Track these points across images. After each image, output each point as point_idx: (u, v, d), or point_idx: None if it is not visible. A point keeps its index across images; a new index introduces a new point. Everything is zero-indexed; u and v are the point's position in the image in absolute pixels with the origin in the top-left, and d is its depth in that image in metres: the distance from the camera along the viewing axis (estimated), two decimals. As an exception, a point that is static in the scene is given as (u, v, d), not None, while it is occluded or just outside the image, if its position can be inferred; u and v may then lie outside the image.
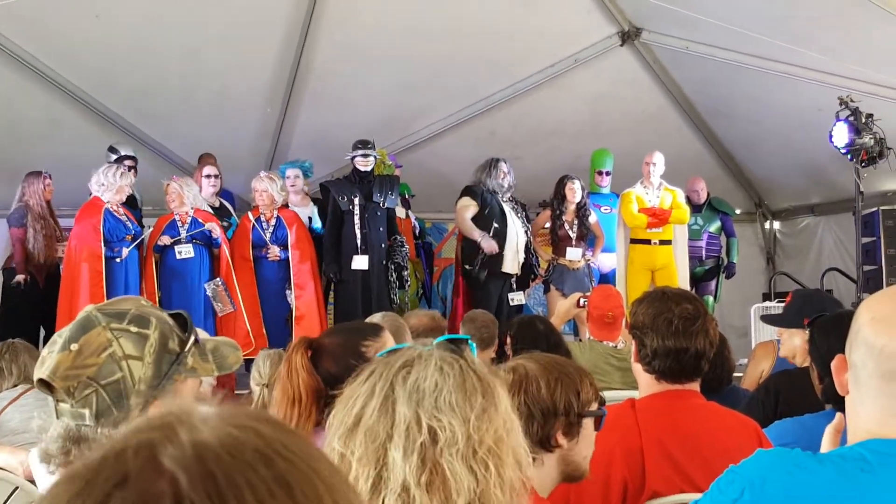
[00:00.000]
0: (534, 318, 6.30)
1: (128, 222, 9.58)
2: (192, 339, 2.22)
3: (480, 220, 10.30)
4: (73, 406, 2.08)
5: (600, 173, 11.43)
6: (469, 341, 1.89)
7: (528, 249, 10.49)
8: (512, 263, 10.30)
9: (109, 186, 9.45)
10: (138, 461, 0.82)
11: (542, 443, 2.64)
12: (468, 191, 10.53)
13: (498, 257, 10.21)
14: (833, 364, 2.04)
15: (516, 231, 10.34)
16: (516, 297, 10.41)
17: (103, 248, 9.32)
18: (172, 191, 9.76)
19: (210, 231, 9.69)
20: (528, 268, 10.54)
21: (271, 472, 0.83)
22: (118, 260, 9.39)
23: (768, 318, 5.42)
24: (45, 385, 2.11)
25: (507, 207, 10.40)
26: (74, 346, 2.09)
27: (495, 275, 10.24)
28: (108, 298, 8.54)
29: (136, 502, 0.79)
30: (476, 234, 10.23)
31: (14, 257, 10.09)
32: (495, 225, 10.26)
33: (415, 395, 1.70)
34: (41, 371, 2.10)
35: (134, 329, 2.13)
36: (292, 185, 10.60)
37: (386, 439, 1.68)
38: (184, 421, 0.87)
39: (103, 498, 0.79)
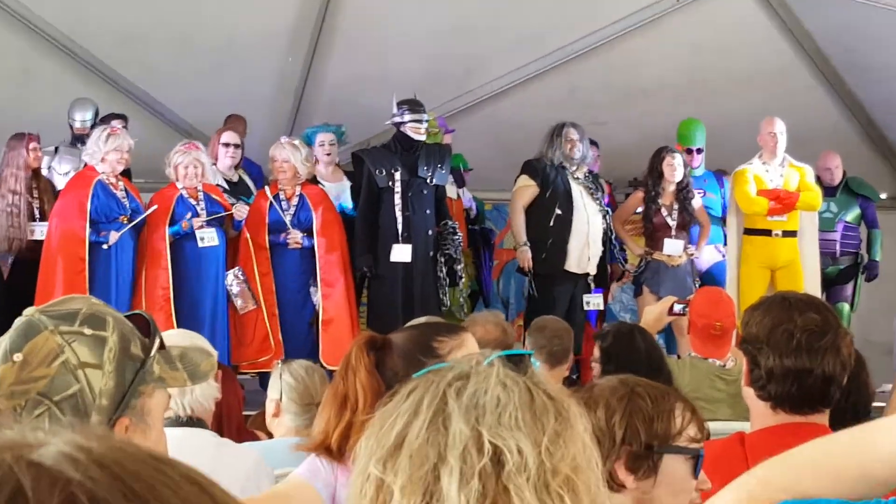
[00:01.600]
0: (634, 330, 6.17)
1: (125, 199, 9.58)
2: (158, 341, 2.23)
3: (540, 205, 10.32)
4: None
5: (690, 151, 11.29)
6: (532, 357, 1.91)
7: (607, 240, 10.48)
8: (579, 261, 10.29)
9: (95, 154, 9.47)
10: (25, 473, 0.88)
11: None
12: (527, 167, 10.54)
13: (559, 254, 10.22)
14: None
15: (587, 217, 10.33)
16: (593, 301, 10.41)
17: (88, 230, 9.37)
18: (192, 160, 9.70)
19: (238, 217, 9.75)
20: (605, 264, 10.51)
21: (176, 470, 0.91)
22: (105, 246, 9.43)
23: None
24: None
25: (576, 187, 10.40)
26: (18, 357, 2.07)
27: (559, 276, 10.25)
28: (90, 292, 8.66)
29: None
30: (520, 238, 10.31)
31: None
32: (558, 211, 10.25)
33: (473, 411, 1.71)
34: None
35: (88, 331, 2.12)
36: (327, 154, 10.67)
37: (438, 462, 1.69)
38: (30, 444, 0.93)
39: None
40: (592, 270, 10.41)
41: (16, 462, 0.89)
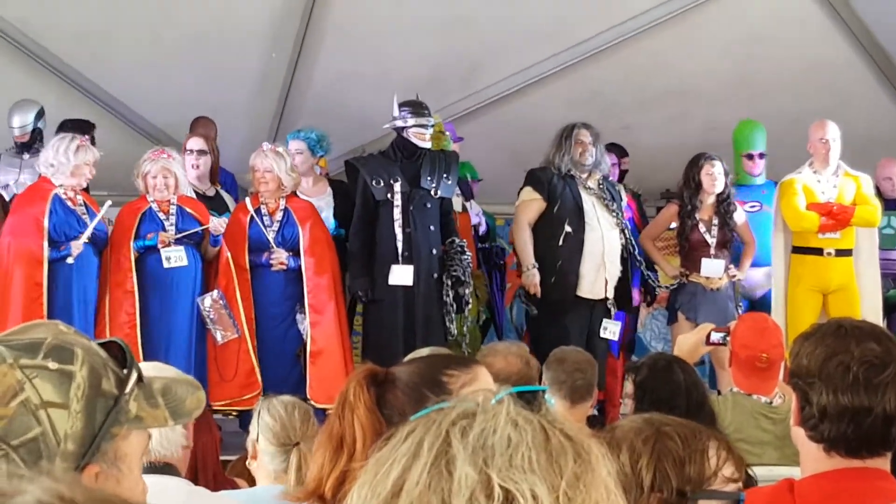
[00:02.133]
0: (672, 362, 6.06)
1: (86, 215, 9.61)
2: (135, 375, 2.18)
3: (548, 221, 10.33)
4: None
5: (750, 157, 11.35)
6: (546, 394, 1.90)
7: (628, 258, 10.47)
8: (594, 285, 10.29)
9: (60, 167, 9.48)
10: None
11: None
12: (531, 177, 10.57)
13: (571, 277, 10.23)
14: None
15: (602, 234, 10.33)
16: (610, 328, 10.37)
17: (46, 250, 9.38)
18: (161, 170, 9.74)
19: (216, 232, 9.75)
20: (626, 286, 10.52)
21: None
22: (69, 260, 9.42)
23: None
24: None
25: (588, 198, 10.41)
26: None
27: (570, 303, 10.25)
28: (49, 318, 8.67)
29: None
30: (527, 259, 10.31)
31: None
32: (567, 229, 10.26)
33: (481, 452, 1.69)
34: None
35: (53, 365, 2.06)
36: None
37: None
38: (4, 492, 0.93)
39: None
40: (610, 295, 10.39)
41: None
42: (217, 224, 9.75)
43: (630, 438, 2.79)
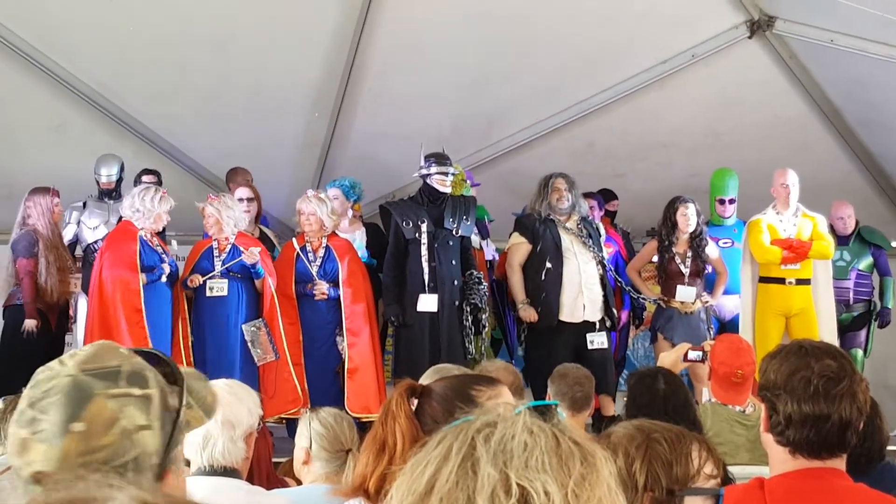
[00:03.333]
0: (657, 373, 6.01)
1: (163, 255, 9.72)
2: (185, 388, 2.18)
3: (533, 260, 10.36)
4: None
5: (722, 202, 11.38)
6: (557, 408, 1.92)
7: (606, 285, 10.45)
8: (573, 310, 10.26)
9: (147, 213, 9.60)
10: None
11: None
12: (517, 224, 10.63)
13: (553, 306, 10.23)
14: None
15: (579, 267, 10.32)
16: (597, 339, 10.32)
17: (142, 277, 9.46)
18: (209, 214, 9.85)
19: (247, 261, 9.72)
20: (611, 308, 10.48)
21: None
22: (163, 279, 9.55)
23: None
24: (38, 480, 1.99)
25: (566, 237, 10.39)
26: (79, 426, 1.99)
27: (555, 328, 10.24)
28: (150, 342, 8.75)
29: None
30: (519, 296, 10.36)
31: (23, 295, 10.15)
32: (548, 265, 10.27)
33: (501, 455, 1.72)
34: (37, 462, 1.98)
35: (136, 391, 2.06)
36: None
37: None
38: (96, 498, 0.96)
39: None
40: (593, 317, 10.34)
41: None
42: (248, 255, 9.71)
43: (624, 444, 2.81)
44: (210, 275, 9.73)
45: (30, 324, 10.05)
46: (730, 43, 12.14)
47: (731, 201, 11.41)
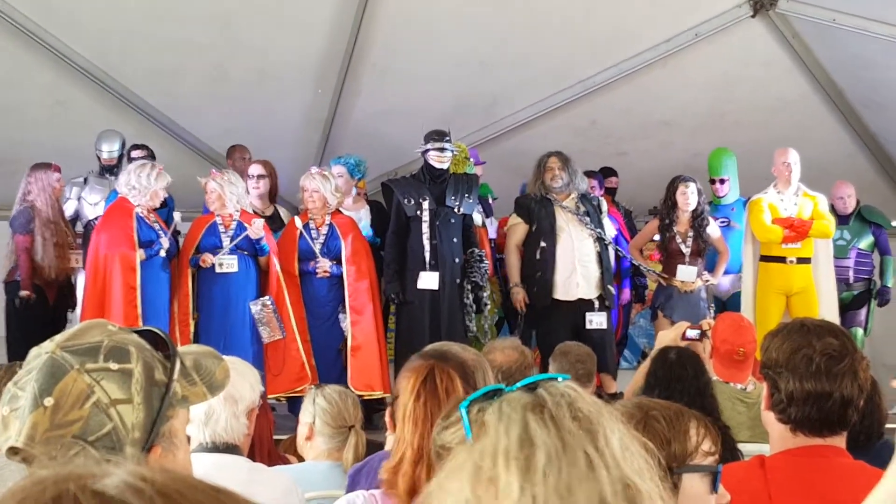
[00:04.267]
0: (681, 353, 5.90)
1: (160, 231, 9.67)
2: (178, 362, 2.17)
3: (529, 240, 10.36)
4: None
5: (714, 182, 11.37)
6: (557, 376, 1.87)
7: (605, 262, 10.41)
8: (567, 287, 10.24)
9: (143, 190, 9.54)
10: (89, 502, 0.91)
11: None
12: (515, 205, 10.63)
13: (548, 285, 10.22)
14: None
15: (573, 245, 10.29)
16: (595, 319, 10.29)
17: (140, 253, 9.43)
18: (211, 190, 9.80)
19: (252, 235, 9.66)
20: (606, 285, 10.42)
21: (234, 500, 0.98)
22: (162, 253, 9.50)
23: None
24: (16, 453, 2.02)
25: (563, 215, 10.37)
26: (49, 401, 2.00)
27: (552, 306, 10.23)
28: (142, 320, 8.76)
29: None
30: (513, 278, 10.38)
31: (20, 270, 10.18)
32: (542, 244, 10.26)
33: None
34: (11, 438, 2.01)
35: (114, 366, 2.06)
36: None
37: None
38: (94, 474, 0.95)
39: None
40: (588, 294, 10.30)
41: (80, 491, 0.91)
42: (254, 229, 9.66)
43: (628, 419, 2.79)
44: (220, 252, 9.66)
45: (23, 294, 10.07)
46: (733, 22, 12.11)
47: (723, 181, 11.36)
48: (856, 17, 11.21)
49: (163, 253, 9.54)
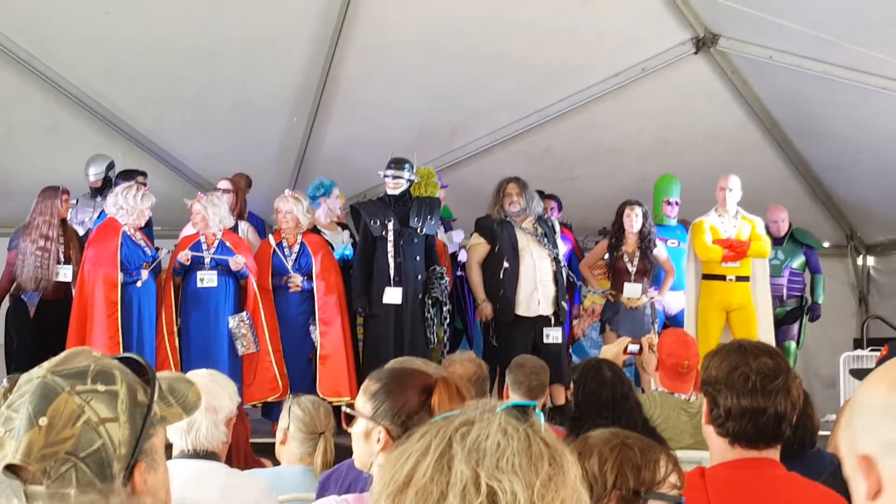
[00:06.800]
0: (601, 363, 5.93)
1: (146, 248, 9.73)
2: (157, 385, 2.19)
3: (491, 259, 10.35)
4: (50, 487, 2.02)
5: (668, 203, 11.47)
6: (536, 409, 1.90)
7: (560, 280, 10.43)
8: (529, 304, 10.25)
9: (130, 210, 9.58)
10: None
11: (593, 521, 2.70)
12: (477, 225, 10.61)
13: (511, 302, 10.21)
14: (855, 465, 1.74)
15: (534, 264, 10.31)
16: (552, 334, 10.31)
17: (120, 276, 9.47)
18: (196, 212, 9.86)
19: (233, 268, 9.75)
20: (560, 301, 10.42)
21: None
22: (138, 284, 9.53)
23: (858, 373, 5.37)
24: (11, 470, 2.02)
25: (523, 237, 10.38)
26: (43, 420, 2.02)
27: (513, 322, 10.23)
28: (122, 331, 8.80)
29: None
30: (478, 294, 10.39)
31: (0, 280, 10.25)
32: (506, 264, 10.25)
33: (474, 454, 1.71)
34: (8, 456, 2.01)
35: (102, 388, 2.09)
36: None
37: (440, 499, 1.69)
38: None
39: None
40: (546, 311, 10.33)
41: None
42: (234, 263, 9.73)
43: (599, 446, 2.85)
44: (198, 258, 9.70)
45: None
46: (677, 58, 12.14)
47: (676, 203, 11.51)
48: (791, 54, 11.25)
49: (139, 284, 9.54)
